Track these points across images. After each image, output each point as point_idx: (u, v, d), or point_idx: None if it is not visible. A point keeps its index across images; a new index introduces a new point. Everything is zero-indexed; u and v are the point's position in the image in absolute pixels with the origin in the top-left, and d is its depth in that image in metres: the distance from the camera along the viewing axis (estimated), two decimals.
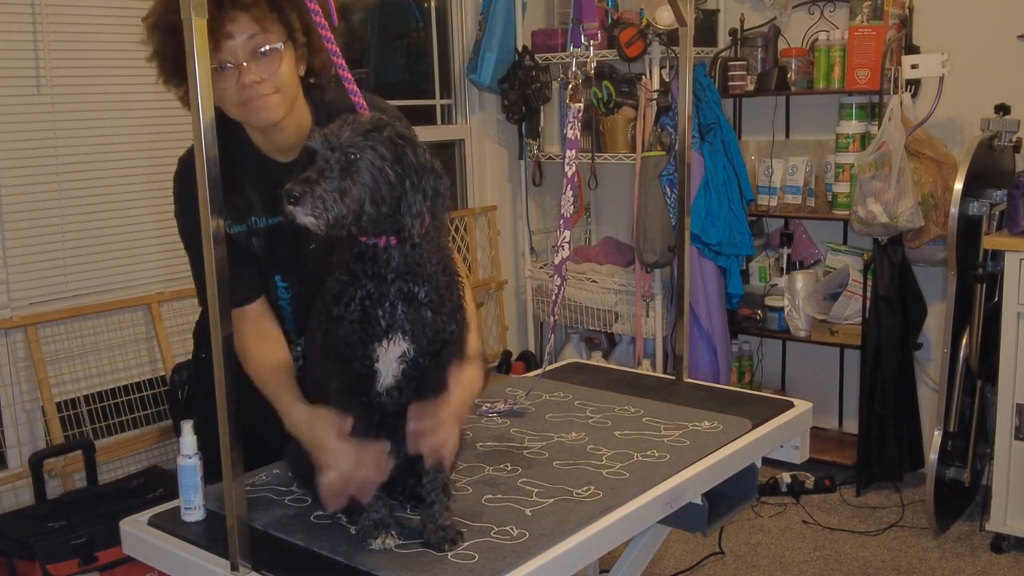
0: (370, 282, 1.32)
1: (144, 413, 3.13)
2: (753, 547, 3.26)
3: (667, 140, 3.74)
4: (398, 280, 1.33)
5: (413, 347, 1.34)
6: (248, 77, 1.57)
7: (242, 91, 1.58)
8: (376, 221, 1.28)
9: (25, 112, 2.81)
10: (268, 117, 1.62)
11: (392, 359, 1.34)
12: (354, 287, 1.33)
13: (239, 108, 1.61)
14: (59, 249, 2.92)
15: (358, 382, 1.36)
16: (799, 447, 2.05)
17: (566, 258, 2.06)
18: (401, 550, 1.38)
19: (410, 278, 1.33)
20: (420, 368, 1.36)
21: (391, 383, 1.36)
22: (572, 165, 2.03)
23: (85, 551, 2.43)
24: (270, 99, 1.60)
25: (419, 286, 1.34)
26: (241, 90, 1.57)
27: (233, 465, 1.31)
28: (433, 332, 1.35)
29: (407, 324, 1.33)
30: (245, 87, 1.57)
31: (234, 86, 1.57)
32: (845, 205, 3.63)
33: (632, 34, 3.75)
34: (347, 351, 1.34)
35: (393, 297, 1.32)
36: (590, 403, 2.04)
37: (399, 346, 1.33)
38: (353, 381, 1.36)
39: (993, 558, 3.11)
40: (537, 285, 4.36)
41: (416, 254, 1.33)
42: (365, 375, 1.35)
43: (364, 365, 1.34)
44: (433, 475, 1.41)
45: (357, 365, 1.34)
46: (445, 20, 4.24)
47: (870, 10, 3.59)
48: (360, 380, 1.36)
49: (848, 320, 3.69)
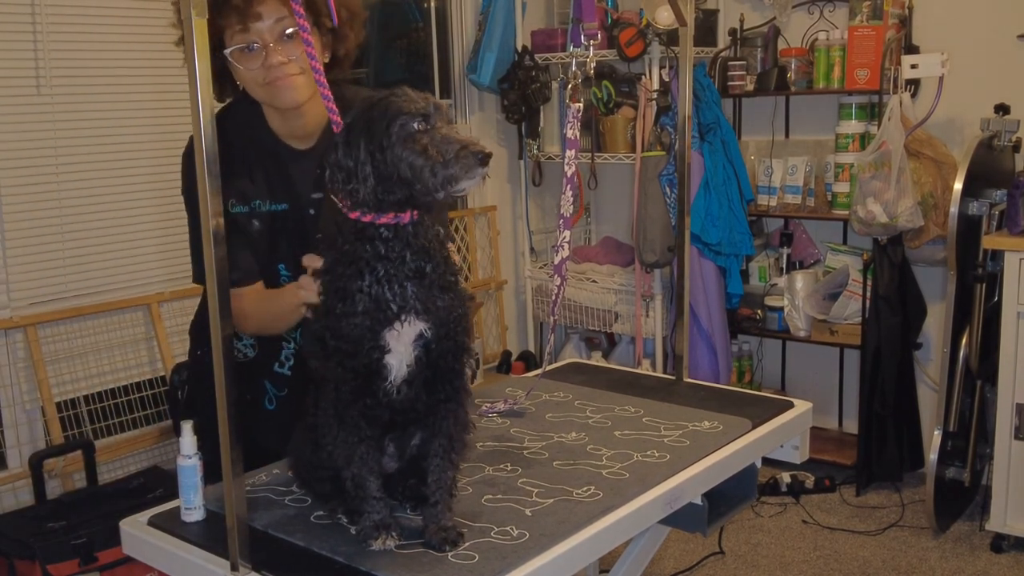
0: (380, 264, 1.27)
1: (144, 413, 3.13)
2: (753, 547, 3.26)
3: (667, 140, 3.74)
4: (413, 258, 1.28)
5: (429, 326, 1.29)
6: (275, 58, 1.61)
7: (268, 71, 1.62)
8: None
9: (25, 112, 2.81)
10: (293, 97, 1.65)
11: (407, 343, 1.29)
12: (361, 273, 1.27)
13: (264, 88, 1.65)
14: (59, 249, 2.92)
15: (365, 383, 1.31)
16: (799, 447, 2.05)
17: (566, 258, 2.05)
18: (401, 551, 1.37)
19: (422, 254, 1.29)
20: (432, 354, 1.32)
21: (404, 374, 1.31)
22: (572, 165, 2.03)
23: (85, 551, 2.43)
24: (296, 79, 1.63)
25: (427, 262, 1.29)
26: (267, 71, 1.62)
27: (233, 465, 1.31)
28: (446, 310, 1.31)
29: (419, 303, 1.28)
30: (271, 67, 1.61)
31: (260, 66, 1.62)
32: (845, 205, 3.63)
33: (632, 34, 3.75)
34: (352, 346, 1.28)
35: (403, 277, 1.27)
36: (590, 403, 2.04)
37: (414, 327, 1.28)
38: (358, 383, 1.31)
39: (993, 558, 3.12)
40: (537, 285, 4.36)
41: (427, 228, 1.30)
42: (373, 373, 1.30)
43: (373, 359, 1.29)
44: (439, 474, 1.40)
45: (365, 360, 1.28)
46: (445, 20, 4.24)
47: (870, 10, 3.59)
48: (366, 380, 1.31)
49: (848, 320, 3.69)
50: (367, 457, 1.36)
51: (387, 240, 1.28)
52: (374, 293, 1.27)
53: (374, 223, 1.27)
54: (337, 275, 1.31)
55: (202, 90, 1.22)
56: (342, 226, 1.32)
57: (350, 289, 1.28)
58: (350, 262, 1.29)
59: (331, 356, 1.31)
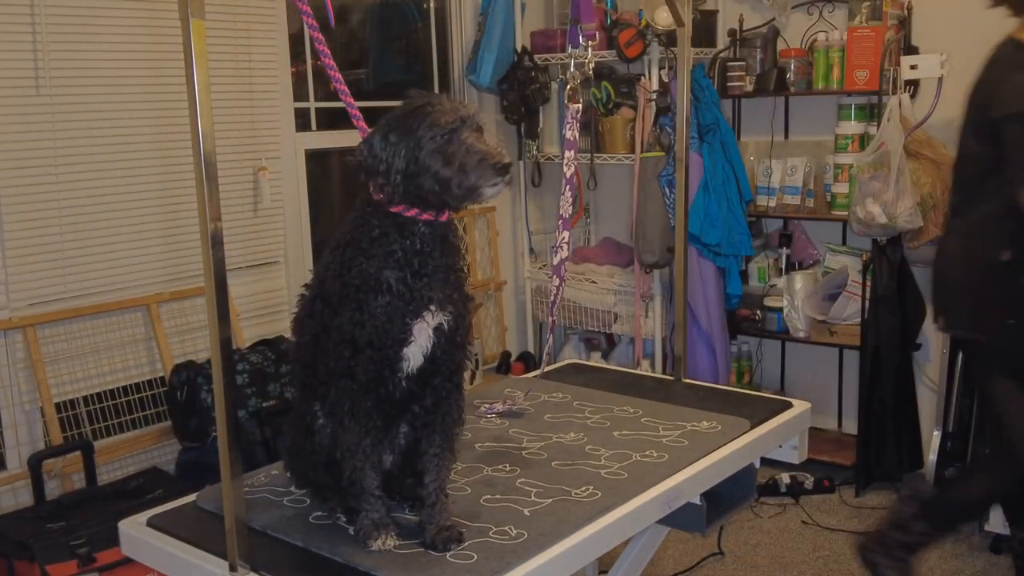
0: (416, 258, 1.35)
1: (143, 414, 3.13)
2: (752, 547, 3.26)
3: (666, 141, 3.74)
4: (443, 254, 1.38)
5: (449, 319, 1.38)
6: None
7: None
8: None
9: (24, 112, 2.81)
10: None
11: (428, 335, 1.37)
12: (399, 264, 1.35)
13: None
14: (58, 250, 2.92)
15: (380, 374, 1.37)
16: (798, 447, 2.06)
17: (565, 259, 2.06)
18: (400, 550, 1.38)
19: (452, 251, 1.40)
20: (443, 346, 1.39)
21: (420, 362, 1.38)
22: (571, 166, 2.03)
23: (84, 552, 2.43)
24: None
25: (455, 258, 1.40)
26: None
27: (232, 466, 1.31)
28: (462, 304, 1.40)
29: (443, 296, 1.37)
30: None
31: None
32: (844, 206, 3.63)
33: (631, 35, 3.75)
34: (383, 337, 1.34)
35: (432, 271, 1.36)
36: (589, 403, 2.05)
37: (436, 319, 1.37)
38: (375, 374, 1.36)
39: (992, 558, 3.12)
40: (536, 286, 4.36)
41: (455, 227, 1.41)
42: (389, 364, 1.36)
43: (394, 351, 1.35)
44: (435, 475, 1.41)
45: (387, 352, 1.35)
46: (444, 21, 4.24)
47: (869, 11, 3.59)
48: (379, 372, 1.36)
49: (847, 321, 3.69)
50: (370, 451, 1.38)
51: (424, 236, 1.36)
52: (409, 284, 1.35)
53: (416, 219, 1.35)
54: (369, 259, 1.36)
55: (200, 91, 1.22)
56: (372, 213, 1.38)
57: (388, 279, 1.35)
58: (388, 253, 1.35)
59: (359, 347, 1.35)
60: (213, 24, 3.14)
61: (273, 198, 3.41)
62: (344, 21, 3.89)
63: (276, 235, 3.49)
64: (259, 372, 3.06)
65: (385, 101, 3.91)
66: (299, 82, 3.61)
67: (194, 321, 3.21)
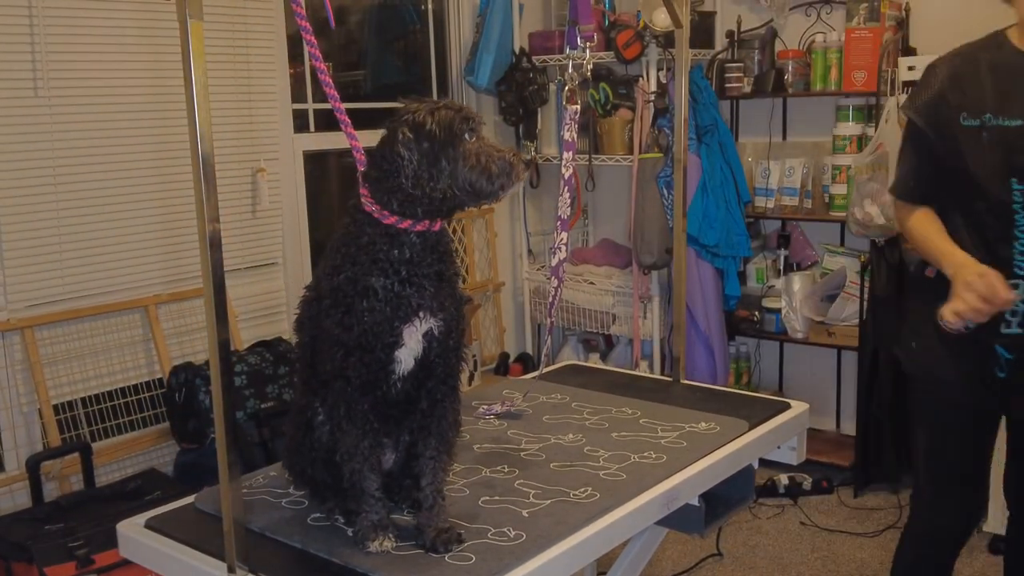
0: (404, 267, 1.36)
1: (141, 415, 3.13)
2: (751, 548, 3.26)
3: (664, 142, 3.75)
4: (434, 261, 1.38)
5: (440, 324, 1.38)
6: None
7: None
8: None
9: (22, 114, 2.81)
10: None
11: (418, 339, 1.37)
12: (386, 272, 1.35)
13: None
14: (56, 251, 2.92)
15: (374, 376, 1.37)
16: (796, 448, 2.06)
17: (563, 260, 2.06)
18: (398, 552, 1.38)
19: (444, 257, 1.40)
20: (434, 351, 1.39)
21: (411, 367, 1.39)
22: (569, 167, 2.04)
23: (82, 554, 2.43)
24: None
25: (446, 264, 1.40)
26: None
27: (230, 467, 1.31)
28: (455, 309, 1.41)
29: (434, 302, 1.38)
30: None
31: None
32: (842, 207, 3.64)
33: (629, 36, 3.75)
34: (372, 340, 1.35)
35: (423, 278, 1.37)
36: (587, 405, 2.05)
37: (426, 324, 1.38)
38: (368, 377, 1.37)
39: (991, 559, 3.12)
40: (534, 287, 4.36)
41: (447, 233, 1.42)
42: (382, 366, 1.37)
43: (385, 353, 1.36)
44: (431, 478, 1.42)
45: (378, 355, 1.36)
46: (442, 22, 4.24)
47: (867, 12, 3.59)
48: (371, 374, 1.37)
49: (845, 322, 3.70)
50: (368, 453, 1.38)
51: (414, 245, 1.36)
52: (396, 291, 1.35)
53: (408, 230, 1.36)
54: (355, 265, 1.36)
55: (198, 92, 1.22)
56: (365, 221, 1.38)
57: (373, 286, 1.35)
58: (374, 260, 1.35)
59: (349, 349, 1.36)
60: (211, 26, 3.13)
61: (271, 200, 3.41)
62: (342, 22, 3.89)
63: (274, 237, 3.49)
64: (257, 374, 3.06)
65: (383, 103, 3.91)
66: (297, 84, 3.61)
67: (192, 323, 3.21)
